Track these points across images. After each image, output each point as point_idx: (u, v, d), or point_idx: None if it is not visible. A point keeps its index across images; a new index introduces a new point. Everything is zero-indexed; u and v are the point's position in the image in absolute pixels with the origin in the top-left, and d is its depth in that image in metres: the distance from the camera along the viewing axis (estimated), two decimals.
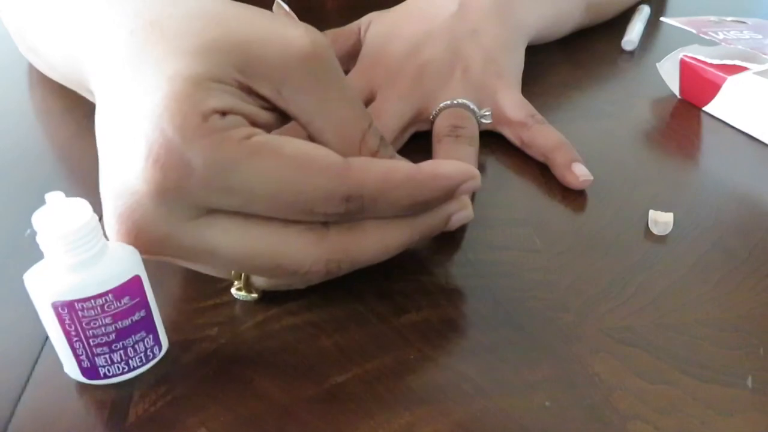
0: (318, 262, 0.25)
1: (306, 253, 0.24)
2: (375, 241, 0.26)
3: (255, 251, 0.24)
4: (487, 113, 0.37)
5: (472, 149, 0.35)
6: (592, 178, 0.34)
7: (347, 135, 0.26)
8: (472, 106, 0.37)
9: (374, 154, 0.26)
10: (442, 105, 0.37)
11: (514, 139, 0.37)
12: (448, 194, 0.26)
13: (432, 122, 0.37)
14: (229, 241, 0.24)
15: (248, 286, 0.27)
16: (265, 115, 0.25)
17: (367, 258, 0.26)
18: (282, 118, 0.26)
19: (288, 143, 0.23)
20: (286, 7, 0.40)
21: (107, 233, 0.24)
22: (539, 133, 0.36)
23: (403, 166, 0.25)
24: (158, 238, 0.23)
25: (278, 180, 0.23)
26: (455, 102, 0.37)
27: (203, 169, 0.22)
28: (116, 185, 0.24)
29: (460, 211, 0.28)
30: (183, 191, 0.22)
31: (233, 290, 0.28)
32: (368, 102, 0.38)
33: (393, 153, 0.27)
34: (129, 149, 0.23)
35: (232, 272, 0.27)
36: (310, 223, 0.24)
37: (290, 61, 0.24)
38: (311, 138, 0.26)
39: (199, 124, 0.22)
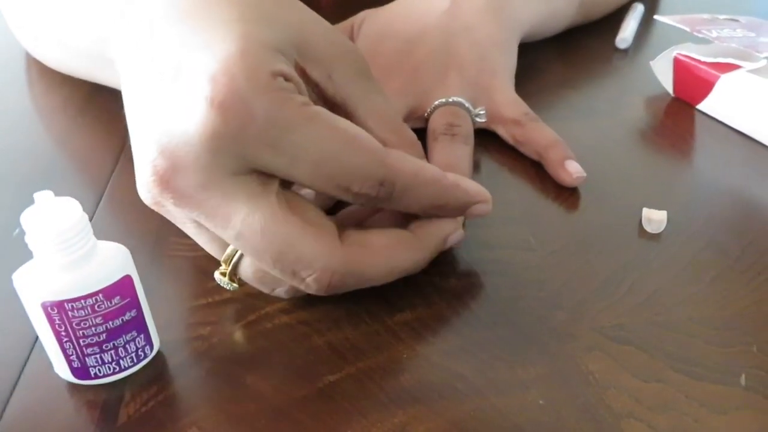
0: (325, 269, 0.24)
1: (316, 253, 0.24)
2: (383, 261, 0.26)
3: (269, 231, 0.24)
4: (481, 112, 0.37)
5: (467, 148, 0.35)
6: (585, 175, 0.34)
7: (388, 124, 0.28)
8: (466, 104, 0.37)
9: (413, 146, 0.28)
10: (437, 103, 0.37)
11: (508, 137, 0.37)
12: (463, 207, 0.28)
13: (427, 120, 0.37)
14: (251, 210, 0.24)
15: (233, 274, 0.26)
16: (313, 99, 0.26)
17: (372, 276, 0.26)
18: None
19: (342, 120, 0.25)
20: None
21: (138, 181, 0.24)
22: (533, 131, 0.36)
23: (432, 167, 0.27)
24: (193, 185, 0.23)
25: (327, 149, 0.23)
26: (450, 100, 0.37)
27: (264, 121, 0.22)
28: (165, 126, 0.23)
29: (456, 232, 0.28)
30: (238, 140, 0.22)
31: (216, 273, 0.27)
32: None
33: (421, 149, 0.29)
34: (188, 92, 0.23)
35: (227, 252, 0.26)
36: (328, 230, 0.25)
37: (339, 50, 0.26)
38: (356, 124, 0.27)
39: (268, 80, 0.23)
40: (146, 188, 0.24)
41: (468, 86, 0.38)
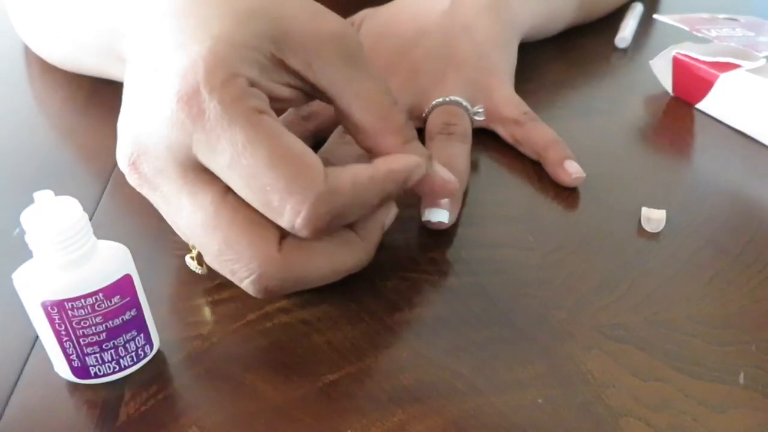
0: (261, 274, 0.24)
1: (253, 257, 0.24)
2: (323, 264, 0.26)
3: (209, 229, 0.24)
4: (479, 110, 0.37)
5: (464, 146, 0.35)
6: (584, 175, 0.34)
7: (374, 109, 0.27)
8: (464, 103, 0.37)
9: (400, 131, 0.27)
10: (434, 102, 0.37)
11: (507, 136, 0.37)
12: (404, 186, 0.27)
13: (425, 120, 0.37)
14: (195, 206, 0.25)
15: (200, 258, 0.27)
16: (288, 92, 0.26)
17: (313, 279, 0.26)
18: (305, 98, 0.27)
19: (287, 135, 0.24)
20: None
21: (118, 160, 0.26)
22: (532, 131, 0.36)
23: (362, 166, 0.26)
24: (152, 169, 0.25)
25: (260, 159, 0.23)
26: (448, 99, 0.37)
27: (211, 120, 0.23)
28: (141, 114, 0.25)
29: (389, 213, 0.28)
30: (188, 134, 0.23)
31: (187, 257, 0.28)
32: None
33: (415, 134, 0.28)
34: (161, 86, 0.24)
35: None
36: (269, 234, 0.25)
37: (322, 37, 0.26)
38: (339, 113, 0.27)
39: (226, 80, 0.23)
40: (121, 167, 0.26)
41: (467, 85, 0.38)
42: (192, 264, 0.28)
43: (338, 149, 0.34)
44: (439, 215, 0.31)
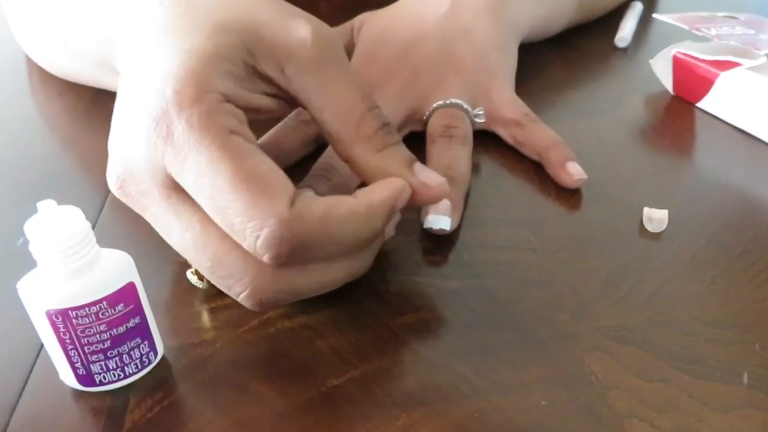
0: (255, 288, 0.24)
1: (245, 271, 0.24)
2: (316, 278, 0.25)
3: (200, 246, 0.24)
4: (480, 112, 0.37)
5: (465, 149, 0.35)
6: (586, 176, 0.34)
7: (345, 116, 0.26)
8: (465, 105, 0.37)
9: (372, 137, 0.26)
10: (435, 105, 0.37)
11: (508, 138, 0.37)
12: (392, 215, 0.26)
13: (426, 123, 0.37)
14: (184, 226, 0.24)
15: (200, 273, 0.27)
16: (267, 102, 0.26)
17: (307, 291, 0.26)
18: (286, 106, 0.27)
19: (258, 155, 0.24)
20: None
21: (108, 182, 0.26)
22: (533, 132, 0.36)
23: (345, 200, 0.25)
24: (138, 191, 0.25)
25: (222, 181, 0.23)
26: (448, 102, 0.37)
27: (179, 139, 0.23)
28: (125, 133, 0.25)
29: (392, 222, 0.28)
30: (161, 154, 0.23)
31: (188, 272, 0.28)
32: None
33: (398, 139, 0.27)
34: (142, 105, 0.24)
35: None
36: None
37: (293, 43, 0.25)
38: (314, 121, 0.27)
39: (194, 98, 0.23)
40: (111, 189, 0.26)
41: (467, 88, 0.38)
42: (193, 279, 0.28)
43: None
44: (440, 222, 0.30)
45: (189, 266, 0.28)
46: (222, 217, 0.23)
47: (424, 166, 0.27)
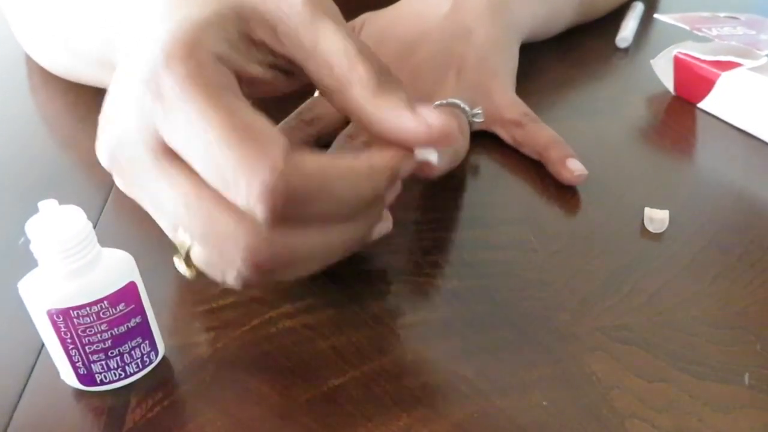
0: (249, 247, 0.23)
1: (239, 230, 0.23)
2: (317, 240, 0.24)
3: (192, 208, 0.23)
4: (478, 112, 0.37)
5: (462, 140, 0.34)
6: (587, 173, 0.34)
7: (340, 64, 0.26)
8: (462, 105, 0.37)
9: (368, 80, 0.25)
10: (433, 106, 0.37)
11: (508, 138, 0.37)
12: (393, 182, 0.25)
13: None
14: (174, 188, 0.24)
15: (188, 260, 0.26)
16: (262, 71, 0.26)
17: (305, 254, 0.24)
18: (282, 77, 0.27)
19: (248, 111, 0.23)
20: None
21: (99, 155, 0.26)
22: (533, 132, 0.36)
23: (342, 157, 0.24)
24: (127, 158, 0.25)
25: (213, 135, 0.22)
26: (445, 102, 0.37)
27: (170, 96, 0.23)
28: (115, 105, 0.25)
29: (382, 223, 0.28)
30: (152, 115, 0.23)
31: (175, 258, 0.26)
32: None
33: (397, 82, 0.27)
34: (131, 76, 0.24)
35: (177, 237, 0.26)
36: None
37: (284, 4, 0.25)
38: (313, 81, 0.26)
39: (183, 56, 0.23)
40: (102, 163, 0.26)
41: (467, 88, 0.38)
42: (180, 266, 0.26)
43: (344, 152, 0.34)
44: (427, 154, 0.27)
45: (175, 252, 0.26)
46: (214, 173, 0.23)
47: (428, 106, 0.26)
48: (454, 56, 0.38)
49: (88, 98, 0.44)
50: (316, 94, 0.38)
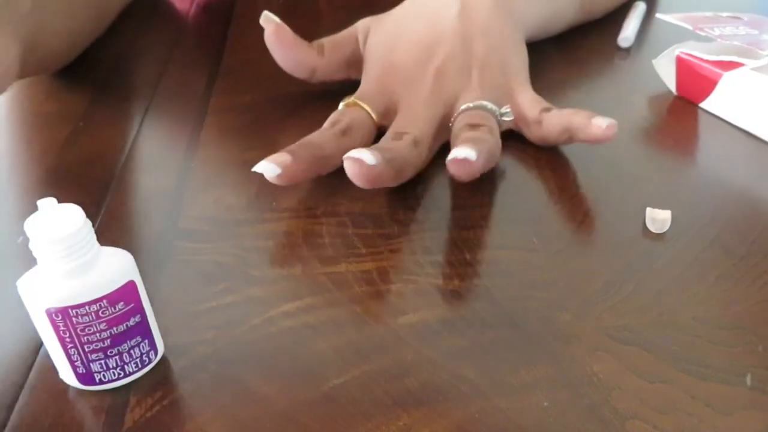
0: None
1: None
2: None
3: None
4: (506, 111, 0.36)
5: (490, 137, 0.34)
6: (616, 123, 0.33)
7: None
8: (490, 106, 0.36)
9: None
10: (461, 108, 0.36)
11: (534, 138, 0.37)
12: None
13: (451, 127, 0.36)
14: None
15: None
16: None
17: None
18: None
19: None
20: (276, 19, 0.40)
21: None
22: (550, 119, 0.36)
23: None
24: None
25: None
26: (472, 105, 0.36)
27: None
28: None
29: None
30: None
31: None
32: (389, 113, 0.37)
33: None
34: None
35: None
36: None
37: None
38: None
39: None
40: None
41: (491, 87, 0.37)
42: None
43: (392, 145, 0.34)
44: (464, 152, 0.30)
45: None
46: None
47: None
48: (474, 56, 0.38)
49: (88, 97, 0.44)
50: (341, 106, 0.38)
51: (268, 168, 0.32)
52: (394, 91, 0.38)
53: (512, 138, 0.38)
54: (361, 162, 0.30)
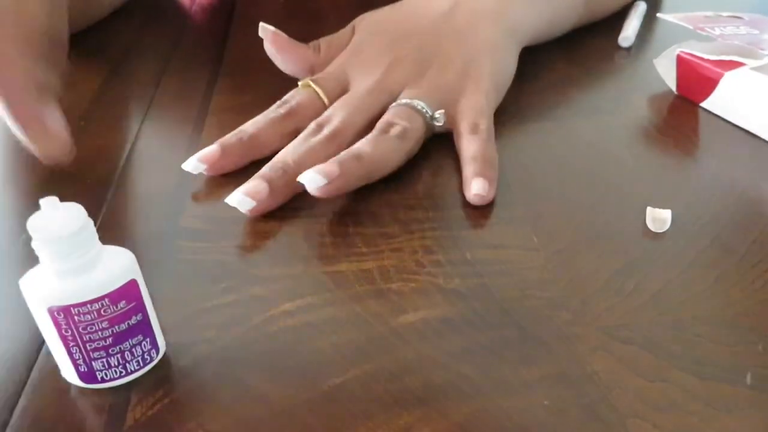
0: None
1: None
2: None
3: None
4: (437, 116, 0.36)
5: (398, 143, 0.33)
6: (487, 195, 0.32)
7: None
8: (421, 106, 0.35)
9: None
10: (394, 104, 0.36)
11: (456, 146, 0.36)
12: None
13: None
14: None
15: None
16: None
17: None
18: None
19: None
20: (271, 28, 0.40)
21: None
22: (463, 144, 0.35)
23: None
24: None
25: None
26: (404, 102, 0.36)
27: None
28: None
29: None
30: None
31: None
32: (344, 90, 0.38)
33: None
34: None
35: None
36: None
37: None
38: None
39: None
40: None
41: (442, 87, 0.37)
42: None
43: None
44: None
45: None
46: None
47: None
48: (440, 55, 0.38)
49: (90, 96, 0.44)
50: (300, 84, 0.38)
51: (197, 167, 0.35)
52: (353, 69, 0.38)
53: (512, 138, 0.38)
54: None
